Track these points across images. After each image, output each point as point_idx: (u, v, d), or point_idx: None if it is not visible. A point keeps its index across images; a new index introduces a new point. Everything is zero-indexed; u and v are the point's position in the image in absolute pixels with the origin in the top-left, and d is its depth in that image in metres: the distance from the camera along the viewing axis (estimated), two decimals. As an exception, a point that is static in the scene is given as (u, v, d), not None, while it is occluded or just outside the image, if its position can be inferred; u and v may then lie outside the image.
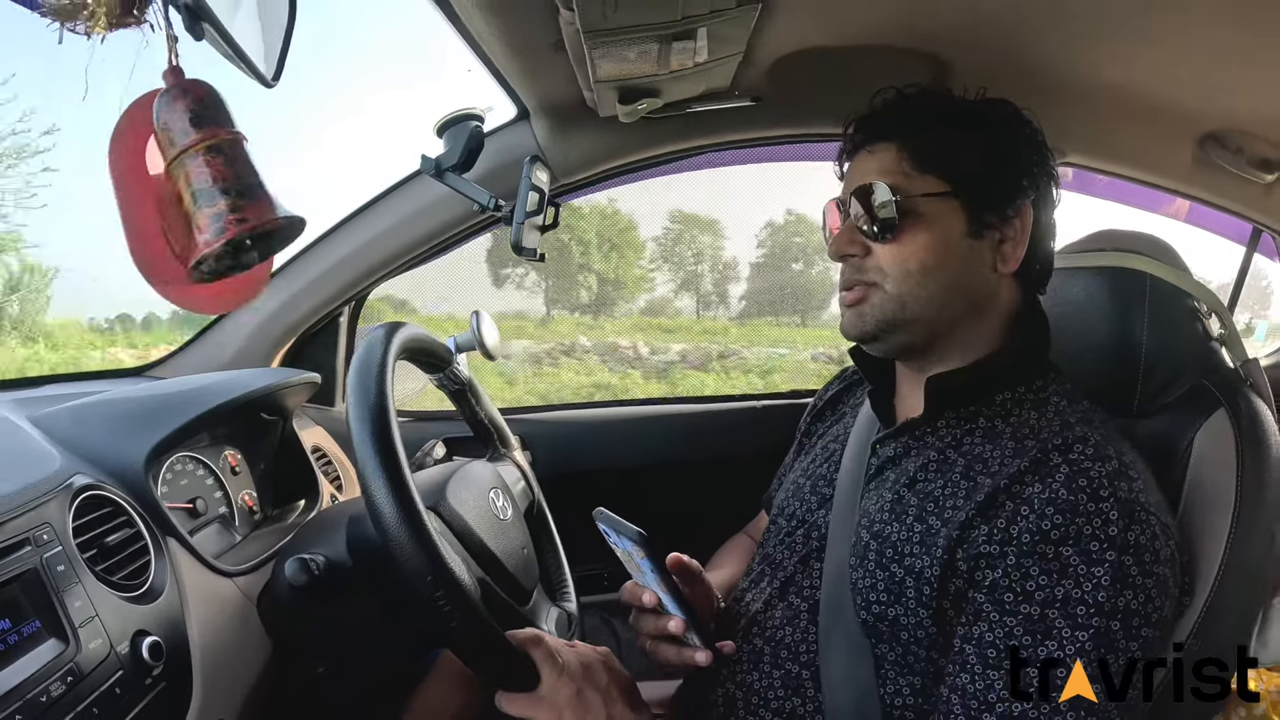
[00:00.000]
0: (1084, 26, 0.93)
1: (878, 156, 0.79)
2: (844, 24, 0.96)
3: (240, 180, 0.63)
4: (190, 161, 0.62)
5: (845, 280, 0.80)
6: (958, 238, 0.76)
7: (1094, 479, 0.66)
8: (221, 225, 0.61)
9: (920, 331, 0.77)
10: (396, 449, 0.68)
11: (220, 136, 0.63)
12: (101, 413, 0.90)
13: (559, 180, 1.20)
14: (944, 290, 0.76)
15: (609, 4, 0.75)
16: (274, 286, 1.26)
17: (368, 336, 0.77)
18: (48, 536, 0.66)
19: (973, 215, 0.76)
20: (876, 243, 0.77)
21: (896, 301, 0.76)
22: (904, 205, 0.75)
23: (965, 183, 0.75)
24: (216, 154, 0.62)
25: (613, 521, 0.78)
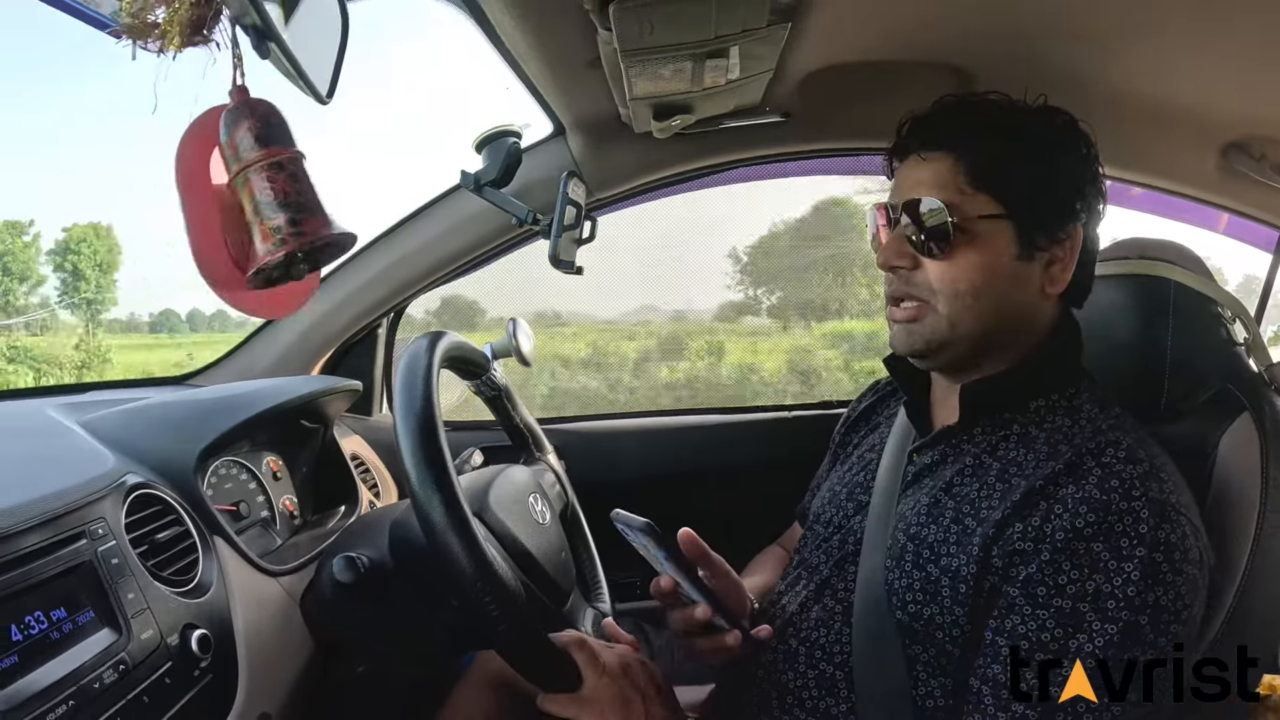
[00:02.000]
0: (1105, 37, 0.94)
1: (932, 166, 0.77)
2: (870, 40, 0.98)
3: (300, 196, 0.66)
4: (254, 176, 0.65)
5: (893, 291, 0.80)
6: (1008, 259, 0.75)
7: (1126, 480, 0.67)
8: (281, 238, 0.64)
9: (966, 348, 0.77)
10: (444, 456, 0.69)
11: (284, 155, 0.66)
12: (150, 416, 0.93)
13: (594, 195, 1.23)
14: (992, 311, 0.76)
15: (645, 25, 0.78)
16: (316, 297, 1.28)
17: (411, 345, 0.79)
18: (102, 531, 0.68)
19: (1024, 238, 0.75)
20: (926, 257, 0.76)
21: (947, 322, 0.76)
22: (957, 224, 0.74)
23: (1019, 205, 0.74)
24: (279, 170, 0.66)
25: (625, 519, 0.80)
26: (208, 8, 0.64)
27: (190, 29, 0.64)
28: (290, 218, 0.65)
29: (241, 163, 0.65)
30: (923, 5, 0.91)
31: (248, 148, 0.65)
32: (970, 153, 0.76)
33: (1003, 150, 0.75)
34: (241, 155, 0.66)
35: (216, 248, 0.68)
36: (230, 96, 0.67)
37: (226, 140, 0.66)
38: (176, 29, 0.63)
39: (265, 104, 0.68)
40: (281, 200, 0.65)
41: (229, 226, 0.68)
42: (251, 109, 0.66)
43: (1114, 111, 1.12)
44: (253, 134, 0.66)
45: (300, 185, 0.66)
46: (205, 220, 0.68)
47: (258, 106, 0.67)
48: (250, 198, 0.65)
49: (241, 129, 0.66)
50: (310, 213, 0.66)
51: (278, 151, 0.66)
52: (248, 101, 0.67)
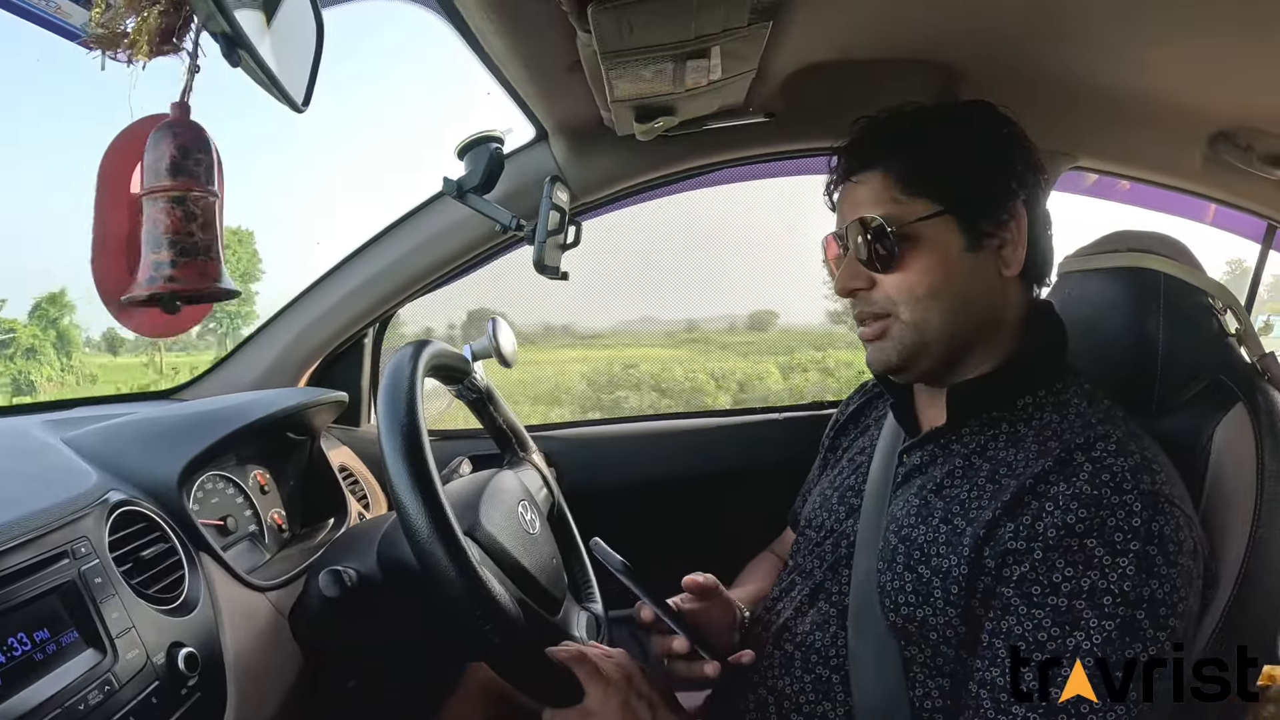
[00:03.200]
0: (1090, 30, 0.94)
1: (865, 186, 0.79)
2: (854, 39, 0.97)
3: (189, 239, 0.64)
4: (154, 203, 0.64)
5: (858, 315, 0.81)
6: (958, 254, 0.76)
7: (1116, 473, 0.67)
8: (153, 276, 0.63)
9: (940, 352, 0.78)
10: (431, 472, 0.68)
11: (189, 191, 0.64)
12: (133, 432, 0.92)
13: (579, 199, 1.22)
14: (955, 307, 0.76)
15: (625, 26, 0.77)
16: (300, 308, 1.29)
17: (395, 356, 0.78)
18: (85, 550, 0.68)
19: (969, 229, 0.76)
20: (880, 274, 0.77)
21: (913, 329, 0.77)
22: (900, 233, 0.76)
23: (955, 198, 0.76)
24: (178, 206, 0.64)
25: (604, 553, 0.81)
26: (177, 15, 0.64)
27: (159, 37, 0.63)
28: (172, 258, 0.63)
29: (148, 186, 0.64)
30: (906, 3, 0.90)
31: (158, 172, 0.64)
32: (896, 163, 0.78)
33: (926, 152, 0.77)
34: (151, 178, 0.64)
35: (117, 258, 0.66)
36: (170, 110, 0.65)
37: (147, 157, 0.65)
38: (145, 38, 0.62)
39: (194, 131, 0.66)
40: (170, 237, 0.63)
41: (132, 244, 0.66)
42: (176, 133, 0.65)
43: (1099, 106, 1.12)
44: (167, 160, 0.64)
45: (194, 226, 0.65)
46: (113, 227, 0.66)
47: (183, 132, 0.65)
48: (149, 223, 0.64)
49: (160, 150, 0.64)
50: (194, 256, 0.64)
51: (184, 185, 0.64)
52: (178, 123, 0.65)
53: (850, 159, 0.81)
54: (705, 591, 0.87)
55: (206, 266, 0.65)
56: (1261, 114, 1.12)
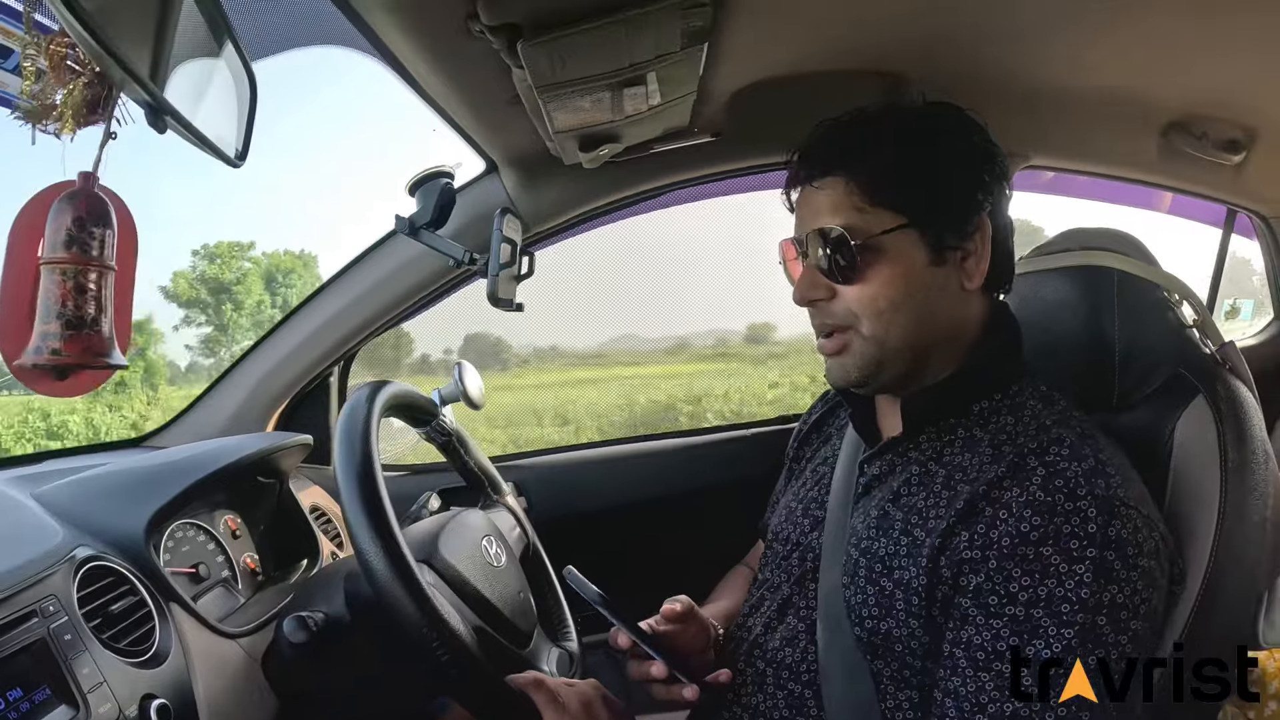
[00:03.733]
0: (1036, 29, 0.94)
1: (826, 193, 0.76)
2: (796, 53, 0.98)
3: (79, 312, 0.65)
4: (49, 273, 0.65)
5: (818, 326, 0.79)
6: (921, 267, 0.74)
7: (1070, 479, 0.67)
8: (40, 346, 0.64)
9: (902, 366, 0.76)
10: (384, 505, 0.70)
11: (81, 264, 0.65)
12: (100, 485, 0.93)
13: (532, 229, 1.23)
14: (917, 321, 0.75)
15: (557, 60, 0.78)
16: (264, 351, 1.30)
17: (351, 398, 0.80)
18: (54, 608, 0.68)
19: (933, 241, 0.74)
20: (840, 284, 0.75)
21: (874, 343, 0.75)
22: (862, 245, 0.73)
23: (921, 210, 0.73)
24: (69, 279, 0.65)
25: (579, 583, 0.81)
26: (102, 86, 0.65)
27: (85, 109, 0.64)
28: (59, 329, 0.64)
29: (45, 255, 0.65)
30: (845, 16, 0.91)
31: (56, 243, 0.65)
32: (860, 171, 0.74)
33: (892, 160, 0.74)
34: (48, 248, 0.65)
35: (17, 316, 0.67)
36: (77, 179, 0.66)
37: (48, 224, 0.66)
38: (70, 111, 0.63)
39: (95, 203, 0.67)
40: (58, 308, 0.64)
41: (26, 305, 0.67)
42: (76, 205, 0.65)
43: (1050, 104, 1.13)
44: (65, 232, 0.65)
45: (85, 299, 0.65)
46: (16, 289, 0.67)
47: (88, 201, 0.66)
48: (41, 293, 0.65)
49: (59, 222, 0.65)
50: (80, 329, 0.65)
51: (76, 259, 0.65)
52: (81, 193, 0.66)
53: (811, 163, 0.78)
54: (681, 615, 0.87)
55: (92, 340, 0.66)
56: (1212, 101, 1.13)
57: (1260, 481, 0.80)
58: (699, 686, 0.79)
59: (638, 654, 0.82)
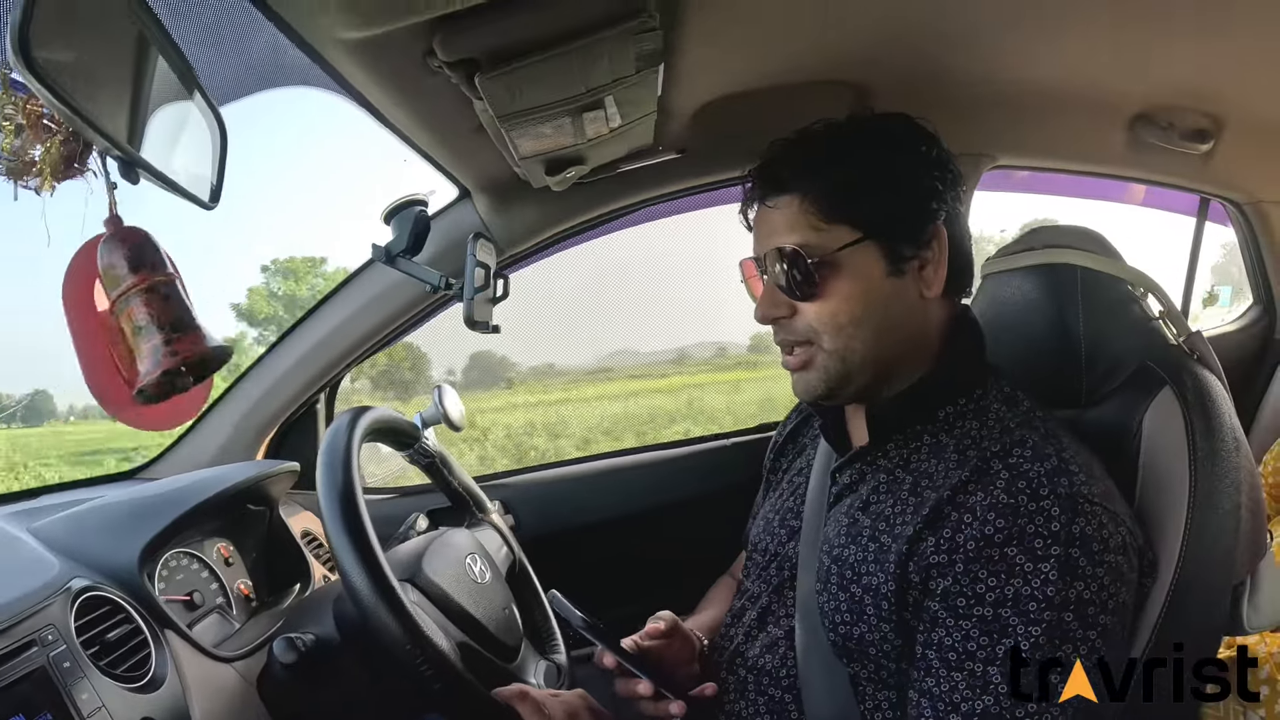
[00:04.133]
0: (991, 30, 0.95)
1: (782, 211, 0.77)
2: (756, 68, 0.99)
3: (174, 316, 0.70)
4: (132, 300, 0.69)
5: (780, 342, 0.80)
6: (880, 279, 0.75)
7: (1033, 479, 0.68)
8: (158, 357, 0.68)
9: (867, 377, 0.77)
10: (366, 528, 0.73)
11: (156, 278, 0.70)
12: (94, 519, 0.96)
13: (506, 252, 1.25)
14: (879, 333, 0.76)
15: (514, 90, 0.79)
16: (251, 380, 1.33)
17: (333, 425, 0.83)
18: (52, 637, 0.72)
19: (890, 253, 0.75)
20: (800, 301, 0.76)
21: (837, 357, 0.76)
22: (819, 262, 0.74)
23: (876, 224, 0.74)
24: (153, 294, 0.69)
25: (564, 608, 0.83)
26: (78, 142, 0.68)
27: (63, 164, 0.68)
28: (166, 337, 0.68)
29: (119, 289, 0.69)
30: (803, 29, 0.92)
31: (123, 274, 0.69)
32: (812, 188, 0.75)
33: (846, 176, 0.75)
34: (119, 282, 0.69)
35: (110, 372, 0.72)
36: (105, 226, 0.70)
37: (104, 268, 0.70)
38: (49, 167, 0.66)
39: (137, 231, 0.71)
40: (158, 321, 0.69)
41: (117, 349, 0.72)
42: (123, 238, 0.70)
43: (1014, 103, 1.14)
44: (126, 261, 0.69)
45: (172, 305, 0.70)
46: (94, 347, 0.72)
47: (129, 235, 0.70)
48: (130, 320, 0.69)
49: (116, 257, 0.69)
50: (184, 330, 0.69)
51: (148, 276, 0.69)
52: (120, 231, 0.70)
53: (764, 183, 0.79)
54: (665, 633, 0.88)
55: (197, 335, 0.71)
56: (1178, 91, 1.13)
57: (1231, 469, 0.80)
58: (685, 701, 0.80)
59: (624, 672, 0.83)
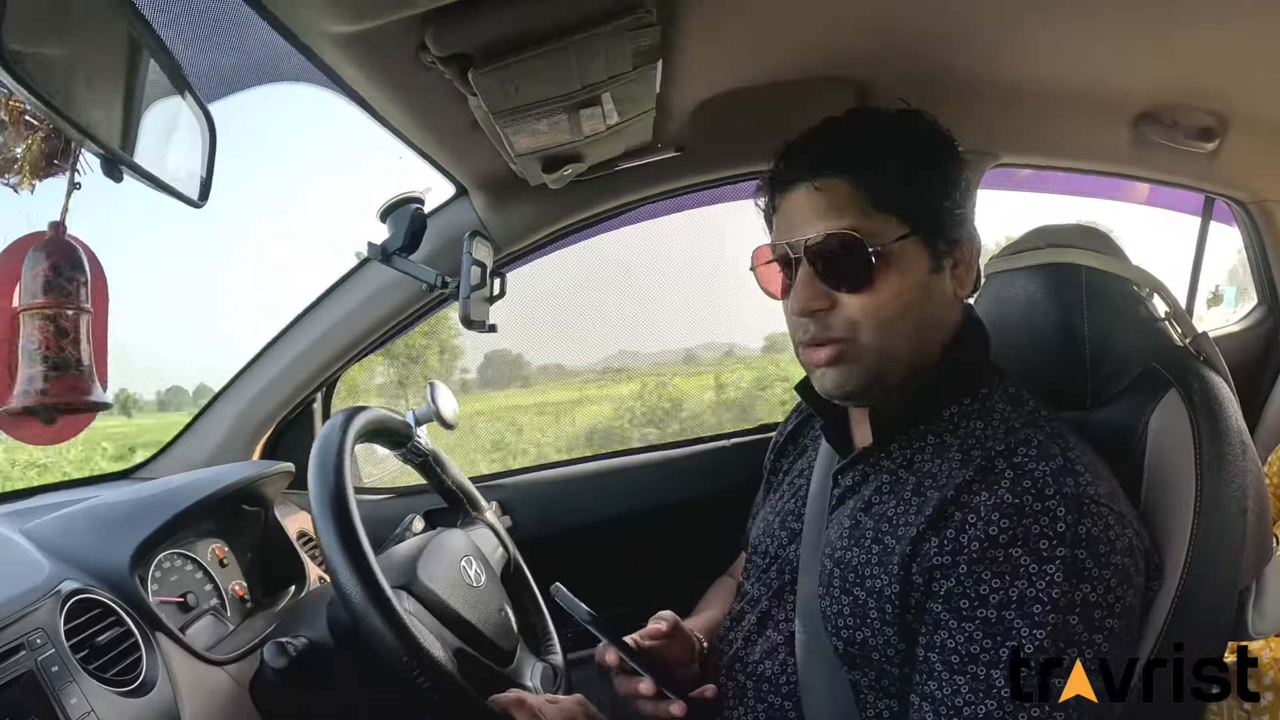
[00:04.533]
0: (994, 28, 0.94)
1: (828, 195, 0.72)
2: (755, 65, 0.98)
3: (61, 354, 0.67)
4: (29, 319, 0.66)
5: (813, 337, 0.75)
6: (924, 275, 0.73)
7: (1038, 479, 0.66)
8: (27, 389, 0.65)
9: (897, 376, 0.75)
10: (357, 533, 0.71)
11: (63, 307, 0.67)
12: (87, 520, 0.94)
13: (503, 250, 1.24)
14: (917, 331, 0.74)
15: (509, 86, 0.78)
16: (247, 380, 1.31)
17: (325, 427, 0.81)
18: (41, 640, 0.70)
19: (932, 250, 0.73)
20: (845, 293, 0.72)
21: (875, 354, 0.73)
22: (875, 252, 0.70)
23: (924, 217, 0.72)
24: (51, 323, 0.67)
25: (568, 601, 0.81)
26: (59, 139, 0.66)
27: (43, 161, 0.66)
28: (44, 373, 0.66)
29: (23, 303, 0.67)
30: (802, 26, 0.91)
31: (35, 290, 0.67)
32: (867, 173, 0.72)
33: (897, 165, 0.72)
34: (26, 295, 0.67)
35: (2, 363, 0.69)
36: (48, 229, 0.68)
37: (24, 273, 0.68)
38: (28, 165, 0.65)
39: (67, 250, 0.68)
40: (42, 352, 0.66)
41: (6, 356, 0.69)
42: (50, 252, 0.67)
43: (1017, 101, 1.12)
44: (41, 278, 0.67)
45: (66, 342, 0.67)
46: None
47: (56, 251, 0.68)
48: (22, 337, 0.67)
49: (35, 269, 0.67)
50: (64, 370, 0.67)
51: (56, 303, 0.67)
52: (53, 242, 0.68)
53: (813, 160, 0.73)
54: (666, 634, 0.87)
55: (77, 381, 0.67)
56: (1184, 90, 1.12)
57: (1238, 473, 0.79)
58: (686, 702, 0.79)
59: (625, 670, 0.82)
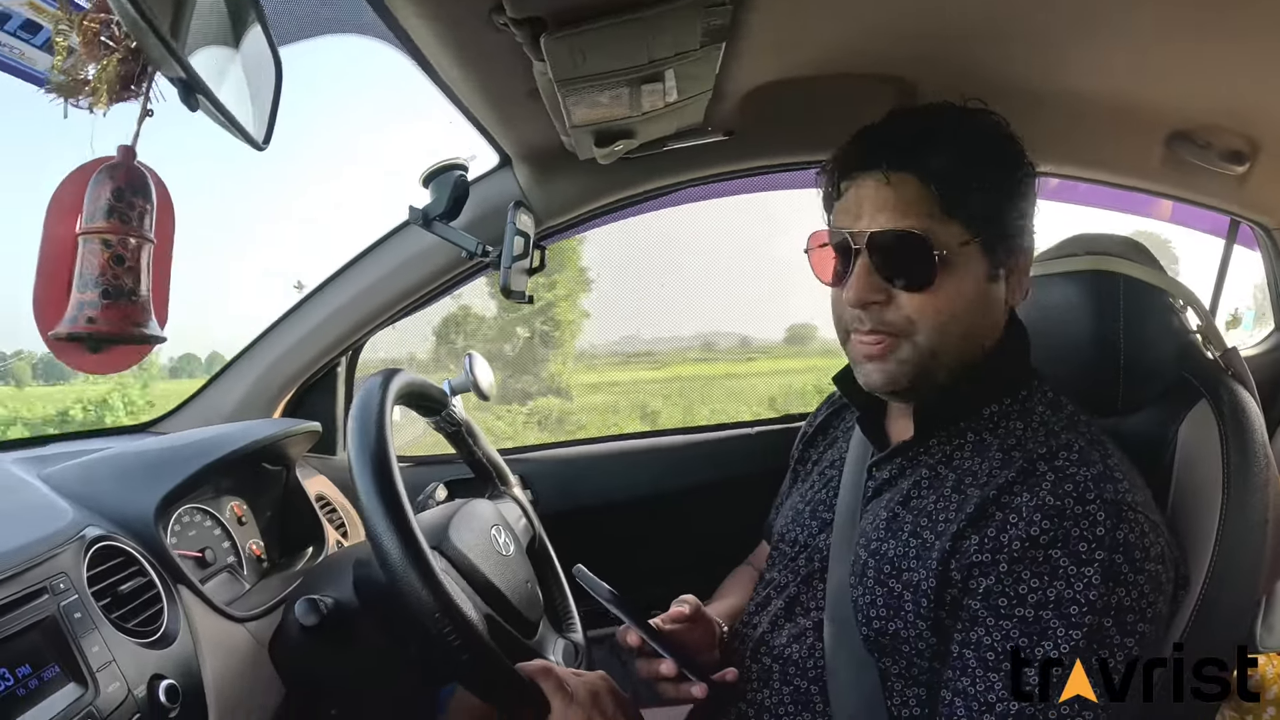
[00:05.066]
0: (1041, 36, 0.95)
1: (898, 190, 0.72)
2: (808, 55, 0.99)
3: (117, 282, 0.65)
4: (87, 243, 0.65)
5: (867, 328, 0.75)
6: (982, 281, 0.74)
7: (1079, 483, 0.67)
8: (76, 315, 0.64)
9: (946, 378, 0.75)
10: (399, 491, 0.70)
11: (121, 234, 0.65)
12: (109, 467, 0.92)
13: (544, 223, 1.23)
14: (969, 335, 0.75)
15: (578, 54, 0.78)
16: (273, 339, 1.30)
17: (365, 384, 0.80)
18: (64, 585, 0.68)
19: (992, 258, 0.73)
20: (905, 291, 0.72)
21: (928, 354, 0.73)
22: (942, 256, 0.71)
23: (987, 226, 0.72)
24: (108, 249, 0.65)
25: (590, 581, 0.81)
26: (136, 62, 0.65)
27: (119, 84, 0.65)
28: (96, 299, 0.64)
29: (84, 226, 0.65)
30: (858, 19, 0.92)
31: (95, 213, 0.65)
32: (938, 174, 0.71)
33: (968, 171, 0.72)
34: (88, 219, 0.65)
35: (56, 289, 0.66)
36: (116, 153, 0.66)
37: (88, 195, 0.66)
38: (105, 86, 0.63)
39: (134, 175, 0.67)
40: (97, 278, 0.64)
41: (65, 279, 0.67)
42: (116, 175, 0.66)
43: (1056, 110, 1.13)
44: (105, 201, 0.65)
45: (123, 270, 0.65)
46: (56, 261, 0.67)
47: (123, 174, 0.66)
48: (78, 262, 0.65)
49: (99, 191, 0.65)
50: (117, 299, 0.65)
51: (117, 228, 0.65)
52: (120, 165, 0.66)
53: (888, 151, 0.73)
54: (689, 617, 0.87)
55: (130, 310, 0.66)
56: (1218, 111, 1.13)
57: (1262, 484, 0.81)
58: (707, 684, 0.79)
59: (646, 652, 0.82)
